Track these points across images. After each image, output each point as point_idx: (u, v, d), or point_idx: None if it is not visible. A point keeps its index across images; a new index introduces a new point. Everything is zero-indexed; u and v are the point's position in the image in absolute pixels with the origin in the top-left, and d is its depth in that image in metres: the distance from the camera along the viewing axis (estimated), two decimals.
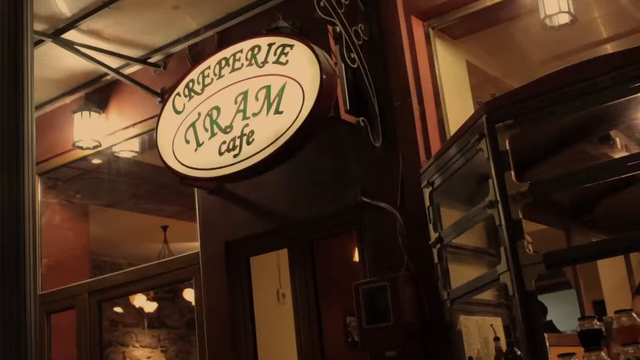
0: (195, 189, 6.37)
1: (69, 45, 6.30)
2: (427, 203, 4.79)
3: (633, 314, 3.66)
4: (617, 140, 4.74)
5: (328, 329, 5.97)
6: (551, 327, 7.02)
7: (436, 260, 4.70)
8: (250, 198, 6.06)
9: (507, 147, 3.83)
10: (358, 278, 5.30)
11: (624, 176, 3.95)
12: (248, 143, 5.24)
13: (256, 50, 5.44)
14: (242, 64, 5.51)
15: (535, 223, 5.59)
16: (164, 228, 10.72)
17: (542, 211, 5.57)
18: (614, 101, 3.75)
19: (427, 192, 4.80)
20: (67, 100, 7.47)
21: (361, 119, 5.24)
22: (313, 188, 5.73)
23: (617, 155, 4.64)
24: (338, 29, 5.19)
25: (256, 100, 5.32)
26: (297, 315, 5.80)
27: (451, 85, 5.65)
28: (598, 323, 3.68)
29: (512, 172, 3.79)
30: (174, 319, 12.54)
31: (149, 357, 12.15)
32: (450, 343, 4.62)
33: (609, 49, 6.68)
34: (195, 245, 6.42)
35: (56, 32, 6.20)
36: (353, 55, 5.26)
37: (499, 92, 4.20)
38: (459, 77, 5.89)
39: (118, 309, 11.63)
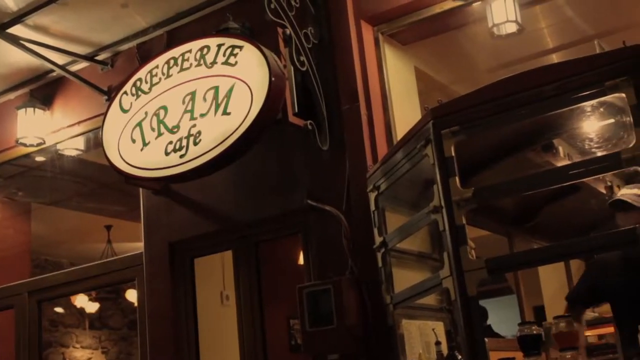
0: (140, 189, 6.31)
1: (14, 40, 6.19)
2: (373, 207, 4.80)
3: (572, 319, 3.73)
4: (560, 148, 4.81)
5: (271, 331, 5.95)
6: (490, 332, 7.11)
7: (380, 264, 4.72)
8: (195, 199, 6.02)
9: (453, 154, 3.87)
10: (303, 281, 5.30)
11: (565, 184, 4.02)
12: (195, 144, 5.21)
13: (205, 50, 5.42)
14: (191, 64, 5.48)
15: (478, 229, 5.66)
16: (108, 228, 10.59)
17: (485, 217, 5.63)
18: (558, 110, 3.82)
19: (372, 196, 4.81)
20: (11, 96, 7.33)
21: (309, 122, 5.24)
22: (259, 190, 5.72)
23: (559, 164, 4.71)
24: (288, 32, 5.18)
25: (204, 100, 5.29)
26: (240, 317, 5.78)
27: (399, 91, 5.68)
28: (537, 328, 3.74)
29: (457, 178, 3.83)
30: (116, 320, 12.42)
31: (90, 358, 12.01)
32: (392, 347, 4.64)
33: (555, 58, 6.79)
34: (139, 246, 6.35)
35: (1, 27, 6.08)
36: (302, 58, 5.27)
37: (446, 99, 4.24)
38: (407, 83, 5.93)
39: (59, 309, 11.47)
